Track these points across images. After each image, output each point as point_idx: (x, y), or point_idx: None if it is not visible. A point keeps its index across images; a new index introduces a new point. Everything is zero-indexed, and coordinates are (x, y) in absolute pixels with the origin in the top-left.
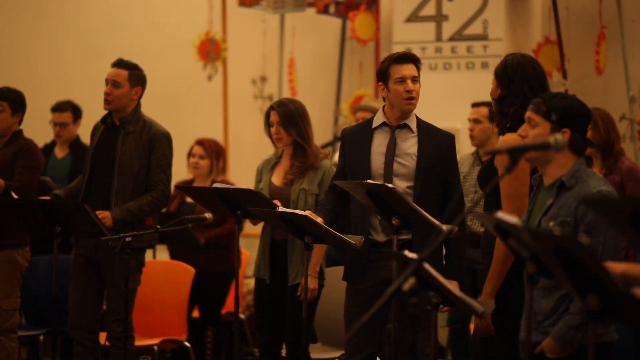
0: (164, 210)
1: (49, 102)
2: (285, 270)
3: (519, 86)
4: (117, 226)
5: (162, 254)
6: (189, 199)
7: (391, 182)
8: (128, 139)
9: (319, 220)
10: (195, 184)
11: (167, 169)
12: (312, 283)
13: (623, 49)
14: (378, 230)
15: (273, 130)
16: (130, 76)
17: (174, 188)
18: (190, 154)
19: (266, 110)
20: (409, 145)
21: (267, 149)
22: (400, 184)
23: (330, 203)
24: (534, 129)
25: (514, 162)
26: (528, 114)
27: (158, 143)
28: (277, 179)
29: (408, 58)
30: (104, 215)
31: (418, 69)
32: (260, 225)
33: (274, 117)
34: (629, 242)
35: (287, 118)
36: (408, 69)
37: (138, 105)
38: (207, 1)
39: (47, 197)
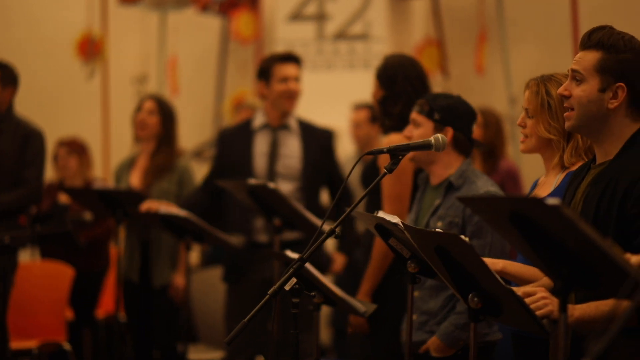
0: (35, 210)
1: None
2: (151, 271)
3: (401, 86)
4: None
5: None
6: (62, 199)
7: (274, 183)
8: (1, 138)
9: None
10: (68, 183)
11: (40, 167)
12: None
13: (504, 49)
14: (260, 231)
15: (142, 114)
16: (0, 77)
17: (48, 188)
18: (56, 157)
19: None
20: (292, 145)
21: None
22: (286, 185)
23: (192, 198)
24: (418, 129)
25: (394, 162)
26: (412, 114)
27: (32, 141)
28: (135, 180)
29: (291, 58)
30: None
31: (300, 68)
32: None
33: (149, 104)
34: (507, 241)
35: (161, 110)
36: (291, 69)
37: (11, 104)
38: None
39: None
